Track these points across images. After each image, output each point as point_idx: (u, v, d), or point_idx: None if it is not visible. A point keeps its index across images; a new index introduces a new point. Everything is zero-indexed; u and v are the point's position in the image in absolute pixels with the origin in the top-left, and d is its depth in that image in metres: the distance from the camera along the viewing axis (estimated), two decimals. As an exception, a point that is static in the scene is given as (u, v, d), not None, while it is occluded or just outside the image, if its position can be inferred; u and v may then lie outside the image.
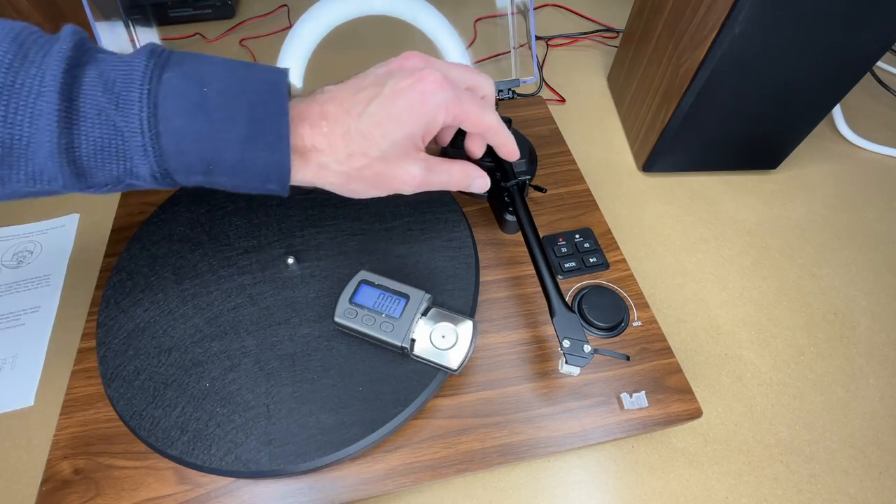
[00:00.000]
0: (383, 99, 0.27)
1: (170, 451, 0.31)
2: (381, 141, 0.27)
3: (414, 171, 0.29)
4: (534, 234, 0.36)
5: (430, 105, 0.27)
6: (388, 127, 0.27)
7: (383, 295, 0.35)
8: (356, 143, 0.27)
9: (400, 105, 0.27)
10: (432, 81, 0.27)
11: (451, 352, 0.33)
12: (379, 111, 0.27)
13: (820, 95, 0.50)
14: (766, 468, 0.39)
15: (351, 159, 0.27)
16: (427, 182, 0.30)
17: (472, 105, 0.29)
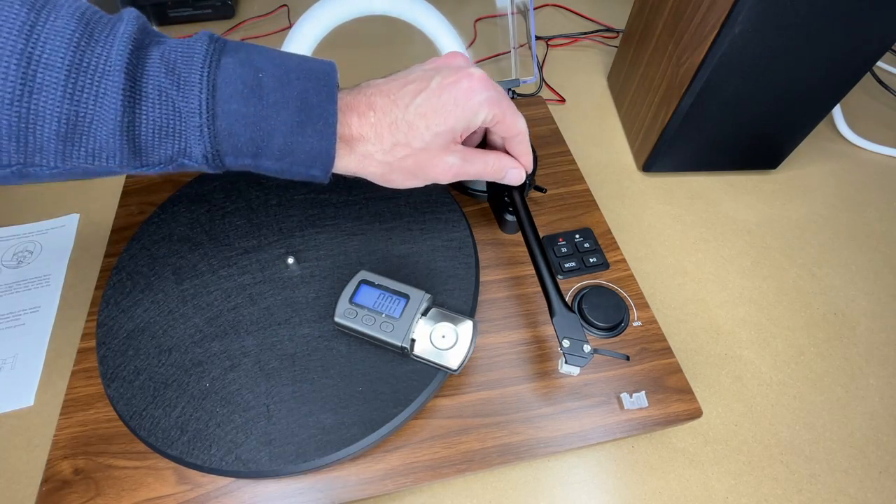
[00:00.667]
0: (430, 92, 0.28)
1: (170, 452, 0.31)
2: (426, 132, 0.28)
3: (451, 160, 0.30)
4: (534, 235, 0.36)
5: (475, 101, 0.29)
6: (432, 119, 0.28)
7: (383, 295, 0.35)
8: (401, 133, 0.28)
9: (446, 98, 0.28)
10: (478, 79, 0.29)
11: (451, 352, 0.33)
12: (425, 103, 0.28)
13: (820, 95, 0.50)
14: (766, 468, 0.39)
15: (395, 149, 0.29)
16: (463, 172, 0.31)
17: (510, 108, 0.31)
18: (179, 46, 0.25)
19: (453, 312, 0.35)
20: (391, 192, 0.44)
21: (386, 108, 0.28)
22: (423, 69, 0.31)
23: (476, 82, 0.29)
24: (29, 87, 0.21)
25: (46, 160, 0.23)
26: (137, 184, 0.49)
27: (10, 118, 0.22)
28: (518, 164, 0.35)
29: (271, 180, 0.45)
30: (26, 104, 0.22)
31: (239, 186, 0.44)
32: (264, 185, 0.44)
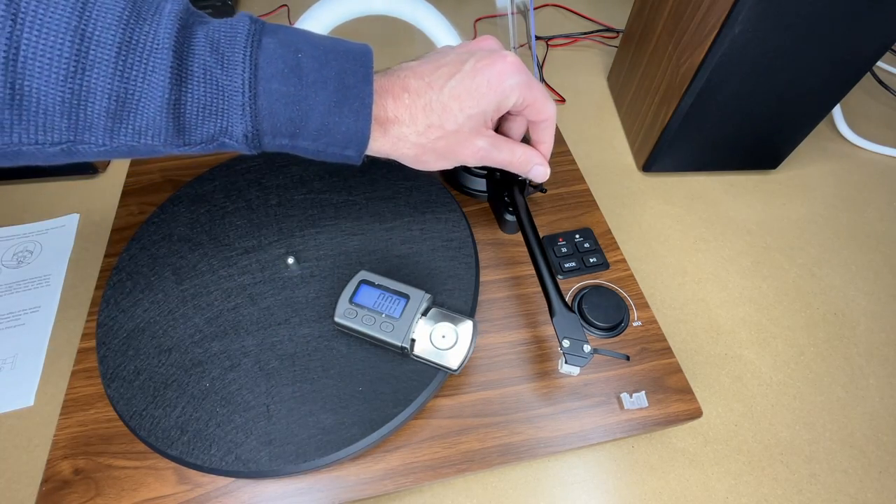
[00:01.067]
0: (464, 75, 0.29)
1: (170, 452, 0.31)
2: (459, 114, 0.29)
3: (481, 143, 0.30)
4: (534, 234, 0.36)
5: (507, 84, 0.29)
6: (466, 100, 0.28)
7: (383, 295, 0.35)
8: (435, 115, 0.29)
9: (479, 80, 0.29)
10: (511, 63, 0.29)
11: (451, 352, 0.33)
12: (459, 85, 0.28)
13: (820, 95, 0.50)
14: (766, 468, 0.39)
15: (429, 130, 0.29)
16: (490, 157, 0.32)
17: (541, 93, 0.31)
18: (223, 27, 0.25)
19: (453, 312, 0.35)
20: (391, 193, 0.44)
21: (420, 91, 0.29)
22: (457, 52, 0.31)
23: (509, 65, 0.29)
24: (82, 64, 0.22)
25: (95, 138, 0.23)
26: (137, 184, 0.49)
27: (64, 94, 0.22)
28: (544, 162, 0.35)
29: (271, 180, 0.45)
30: (79, 81, 0.22)
31: (239, 186, 0.44)
32: (264, 185, 0.44)
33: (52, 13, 0.21)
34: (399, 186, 0.44)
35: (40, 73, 0.21)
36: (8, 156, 0.23)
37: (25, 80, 0.21)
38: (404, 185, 0.44)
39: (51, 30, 0.21)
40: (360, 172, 0.45)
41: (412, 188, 0.44)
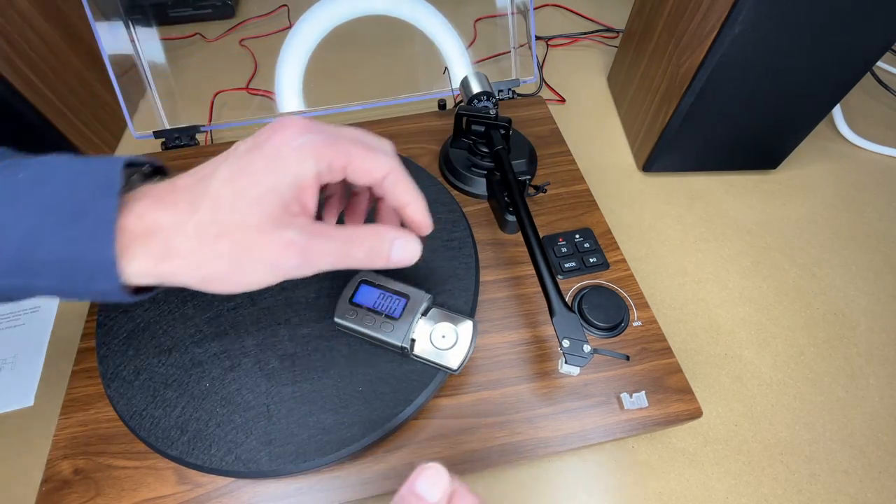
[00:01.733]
0: (237, 156, 0.23)
1: (170, 452, 0.31)
2: (236, 200, 0.22)
3: (289, 236, 0.23)
4: (534, 234, 0.36)
5: (290, 150, 0.23)
6: (240, 182, 0.22)
7: (383, 295, 0.35)
8: (205, 209, 0.22)
9: (254, 157, 0.23)
10: (291, 127, 0.24)
11: (451, 352, 0.33)
12: (232, 167, 0.23)
13: (820, 95, 0.50)
14: (766, 468, 0.39)
15: (200, 229, 0.22)
16: (314, 252, 0.24)
17: (355, 148, 0.25)
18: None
19: (453, 312, 0.35)
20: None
21: (188, 186, 0.23)
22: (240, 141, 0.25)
23: (290, 130, 0.24)
24: None
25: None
26: (137, 184, 0.49)
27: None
28: (411, 237, 0.26)
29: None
30: None
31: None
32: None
33: None
34: (399, 186, 0.44)
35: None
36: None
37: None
38: (404, 185, 0.44)
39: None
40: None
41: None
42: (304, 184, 0.24)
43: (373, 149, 0.25)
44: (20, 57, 0.50)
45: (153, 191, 0.23)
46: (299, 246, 0.23)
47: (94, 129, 0.60)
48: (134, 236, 0.22)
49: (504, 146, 0.43)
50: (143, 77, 0.57)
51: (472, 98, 0.49)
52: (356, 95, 0.59)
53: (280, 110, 0.60)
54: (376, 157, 0.25)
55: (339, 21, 0.56)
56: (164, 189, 0.23)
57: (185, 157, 0.52)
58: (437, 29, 0.54)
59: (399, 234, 0.26)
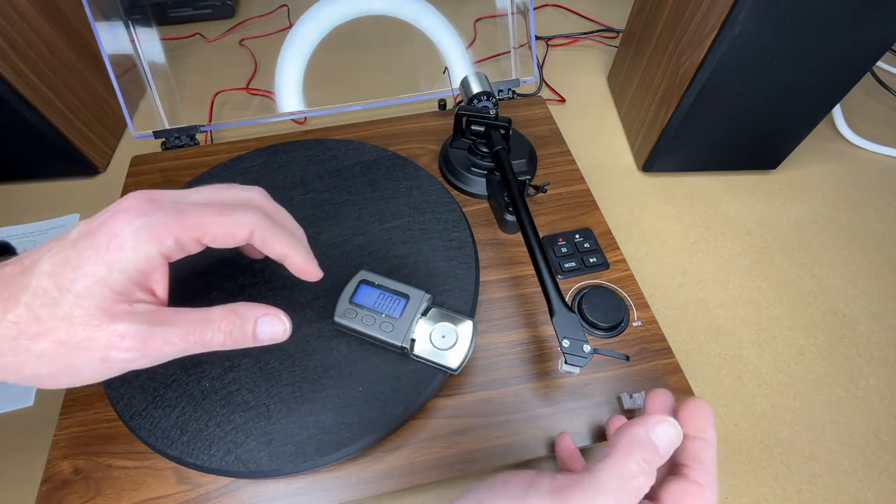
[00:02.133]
0: (64, 244, 0.21)
1: (169, 452, 0.31)
2: (60, 296, 0.20)
3: (121, 329, 0.20)
4: (534, 234, 0.36)
5: (126, 236, 0.21)
6: (65, 275, 0.20)
7: (383, 295, 0.34)
8: (23, 306, 0.20)
9: (83, 246, 0.21)
10: (128, 210, 0.21)
11: (451, 352, 0.33)
12: (57, 257, 0.21)
13: (820, 95, 0.50)
14: (766, 468, 0.39)
15: (16, 327, 0.20)
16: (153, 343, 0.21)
17: (203, 215, 0.22)
18: None
19: (453, 312, 0.35)
20: (391, 193, 0.44)
21: (9, 279, 0.21)
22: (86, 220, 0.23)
23: (126, 214, 0.21)
24: None
25: None
26: (137, 184, 0.49)
27: None
28: (277, 314, 0.24)
29: (271, 180, 0.45)
30: None
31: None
32: (264, 186, 0.44)
33: None
34: (399, 186, 0.44)
35: None
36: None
37: None
38: (404, 185, 0.44)
39: None
40: (360, 173, 0.45)
41: (412, 188, 0.44)
42: (145, 268, 0.21)
43: (228, 211, 0.23)
44: (20, 57, 0.50)
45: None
46: (135, 338, 0.21)
47: (94, 129, 0.60)
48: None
49: (504, 146, 0.43)
50: (143, 77, 0.57)
51: (472, 98, 0.49)
52: (356, 95, 0.59)
53: (280, 110, 0.60)
54: (233, 218, 0.23)
55: (339, 21, 0.56)
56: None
57: (185, 157, 0.52)
58: (437, 29, 0.54)
59: (263, 311, 0.24)
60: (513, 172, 0.41)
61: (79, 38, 0.59)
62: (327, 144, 0.48)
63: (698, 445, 0.23)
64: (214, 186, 0.25)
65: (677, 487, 0.22)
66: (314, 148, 0.47)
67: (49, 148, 0.55)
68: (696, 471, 0.22)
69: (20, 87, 0.50)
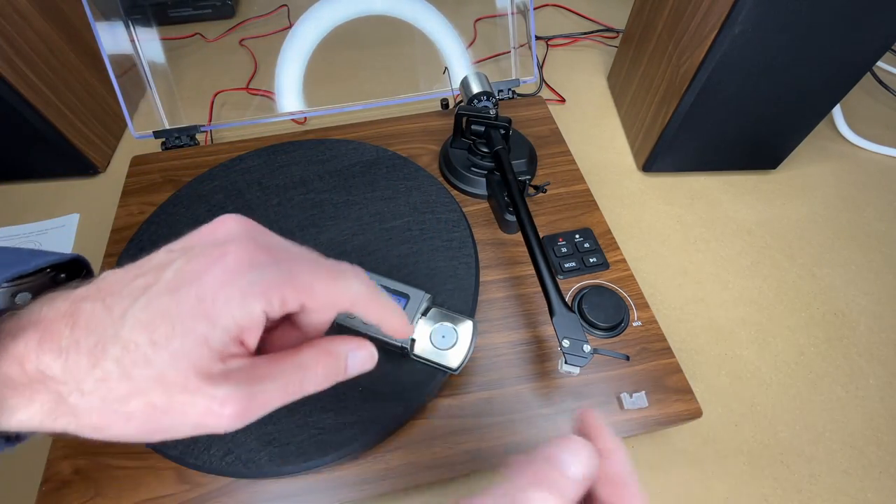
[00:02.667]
0: (161, 287, 0.18)
1: (170, 452, 0.31)
2: (153, 352, 0.17)
3: (221, 393, 0.18)
4: (534, 234, 0.36)
5: (233, 292, 0.18)
6: (160, 329, 0.17)
7: None
8: (111, 360, 0.17)
9: (182, 297, 0.18)
10: (236, 257, 0.19)
11: (451, 352, 0.33)
12: (151, 306, 0.18)
13: (820, 95, 0.50)
14: (766, 468, 0.39)
15: (105, 385, 0.17)
16: (255, 404, 0.19)
17: (315, 278, 0.20)
18: None
19: (453, 312, 0.35)
20: (391, 193, 0.44)
21: (93, 320, 0.18)
22: (171, 248, 0.20)
23: (233, 261, 0.19)
24: None
25: None
26: (137, 184, 0.49)
27: None
28: (360, 343, 0.22)
29: (271, 180, 0.45)
30: None
31: (239, 186, 0.44)
32: (264, 186, 0.45)
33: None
34: (399, 187, 0.44)
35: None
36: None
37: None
38: (404, 185, 0.44)
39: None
40: (360, 173, 0.45)
41: (412, 188, 0.44)
42: (248, 327, 0.19)
43: (337, 275, 0.21)
44: (20, 57, 0.50)
45: (45, 321, 0.18)
46: (236, 402, 0.18)
47: (94, 129, 0.60)
48: (14, 385, 0.17)
49: (504, 146, 0.43)
50: (143, 77, 0.57)
51: (472, 98, 0.49)
52: (356, 95, 0.59)
53: (280, 110, 0.60)
54: (343, 285, 0.21)
55: (339, 21, 0.56)
56: (60, 321, 0.18)
57: (185, 157, 0.52)
58: (437, 29, 0.54)
59: (352, 347, 0.22)
60: (513, 172, 0.41)
61: (79, 38, 0.59)
62: (327, 144, 0.48)
63: (610, 463, 0.20)
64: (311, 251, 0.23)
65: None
66: (314, 148, 0.47)
67: (49, 148, 0.55)
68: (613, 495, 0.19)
69: (20, 86, 0.50)
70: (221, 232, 0.21)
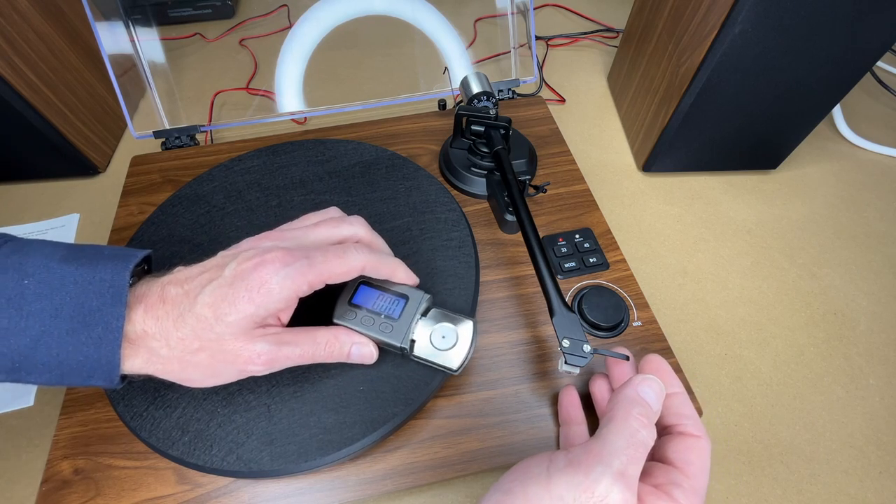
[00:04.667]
0: (221, 281, 0.26)
1: (171, 452, 0.31)
2: (216, 323, 0.26)
3: (259, 348, 0.27)
4: (534, 234, 0.36)
5: (272, 285, 0.26)
6: (222, 307, 0.26)
7: (382, 296, 0.34)
8: (188, 327, 0.26)
9: (237, 287, 0.26)
10: (272, 260, 0.26)
11: (452, 352, 0.33)
12: (215, 292, 0.26)
13: (820, 95, 0.50)
14: (766, 468, 0.39)
15: (183, 343, 0.26)
16: (281, 357, 0.28)
17: (328, 263, 0.28)
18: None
19: (453, 313, 0.35)
20: (391, 193, 0.44)
21: (177, 300, 0.26)
22: (224, 254, 0.29)
23: (270, 265, 0.26)
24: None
25: None
26: (137, 184, 0.49)
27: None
28: (367, 341, 0.32)
29: (271, 181, 0.45)
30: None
31: (239, 187, 0.44)
32: (264, 186, 0.45)
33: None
34: (399, 187, 0.44)
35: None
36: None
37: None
38: (404, 185, 0.44)
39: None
40: (360, 173, 0.45)
41: (412, 189, 0.44)
42: (282, 307, 0.27)
43: (344, 254, 0.29)
44: (20, 57, 0.50)
45: (146, 297, 0.26)
46: (269, 354, 0.27)
47: (94, 129, 0.60)
48: (129, 341, 0.25)
49: (504, 146, 0.43)
50: (143, 77, 0.57)
51: (472, 98, 0.49)
52: (356, 95, 0.59)
53: (280, 110, 0.60)
54: (350, 261, 0.29)
55: (339, 21, 0.56)
56: (155, 298, 0.26)
57: (185, 157, 0.52)
58: (437, 29, 0.54)
59: (357, 341, 0.31)
60: (513, 172, 0.41)
61: (79, 38, 0.59)
62: (327, 144, 0.48)
63: (678, 401, 0.27)
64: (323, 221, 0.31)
65: (680, 445, 0.25)
66: (314, 148, 0.47)
67: (49, 148, 0.55)
68: (688, 425, 0.26)
69: (20, 87, 0.50)
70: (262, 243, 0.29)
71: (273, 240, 0.29)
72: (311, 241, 0.30)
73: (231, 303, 0.26)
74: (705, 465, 0.25)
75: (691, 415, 0.27)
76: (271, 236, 0.30)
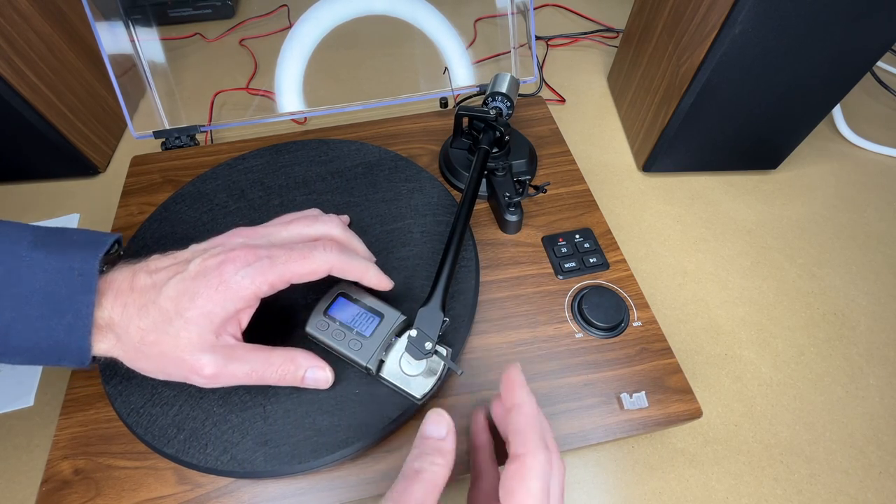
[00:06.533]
0: (186, 275, 0.26)
1: (166, 449, 0.31)
2: (175, 317, 0.26)
3: (204, 360, 0.26)
4: (462, 228, 0.36)
5: (232, 283, 0.26)
6: (182, 303, 0.26)
7: (358, 311, 0.33)
8: (150, 318, 0.26)
9: (199, 283, 0.26)
10: (233, 259, 0.27)
11: (418, 380, 0.32)
12: (177, 286, 0.26)
13: (820, 95, 0.50)
14: (766, 468, 0.39)
15: (141, 332, 0.26)
16: (225, 374, 0.27)
17: (290, 262, 0.28)
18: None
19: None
20: (392, 194, 0.44)
21: (144, 290, 0.27)
22: (194, 248, 0.29)
23: (232, 263, 0.26)
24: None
25: None
26: (137, 184, 0.49)
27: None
28: (323, 365, 0.31)
29: (273, 180, 0.45)
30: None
31: (241, 186, 0.44)
32: (266, 186, 0.45)
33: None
34: (400, 188, 0.44)
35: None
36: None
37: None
38: (405, 186, 0.44)
39: None
40: (363, 174, 0.45)
41: (413, 190, 0.44)
42: (241, 307, 0.27)
43: (310, 254, 0.28)
44: (20, 57, 0.50)
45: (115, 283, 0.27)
46: (212, 370, 0.27)
47: (94, 129, 0.60)
48: (97, 327, 0.26)
49: (487, 148, 0.43)
50: (143, 77, 0.57)
51: (492, 93, 0.48)
52: (356, 95, 0.59)
53: (280, 110, 0.60)
54: (314, 262, 0.28)
55: (339, 21, 0.56)
56: (125, 285, 0.27)
57: (185, 157, 0.52)
58: (437, 29, 0.54)
59: (312, 364, 0.30)
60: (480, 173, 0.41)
61: (79, 38, 0.59)
62: (330, 145, 0.48)
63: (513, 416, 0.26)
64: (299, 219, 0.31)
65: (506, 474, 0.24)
66: (317, 148, 0.47)
67: (49, 148, 0.55)
68: (515, 443, 0.24)
69: (20, 87, 0.50)
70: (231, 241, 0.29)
71: (244, 237, 0.29)
72: (282, 238, 0.30)
73: (191, 298, 0.26)
74: (529, 487, 0.23)
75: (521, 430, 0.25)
76: (243, 233, 0.30)
